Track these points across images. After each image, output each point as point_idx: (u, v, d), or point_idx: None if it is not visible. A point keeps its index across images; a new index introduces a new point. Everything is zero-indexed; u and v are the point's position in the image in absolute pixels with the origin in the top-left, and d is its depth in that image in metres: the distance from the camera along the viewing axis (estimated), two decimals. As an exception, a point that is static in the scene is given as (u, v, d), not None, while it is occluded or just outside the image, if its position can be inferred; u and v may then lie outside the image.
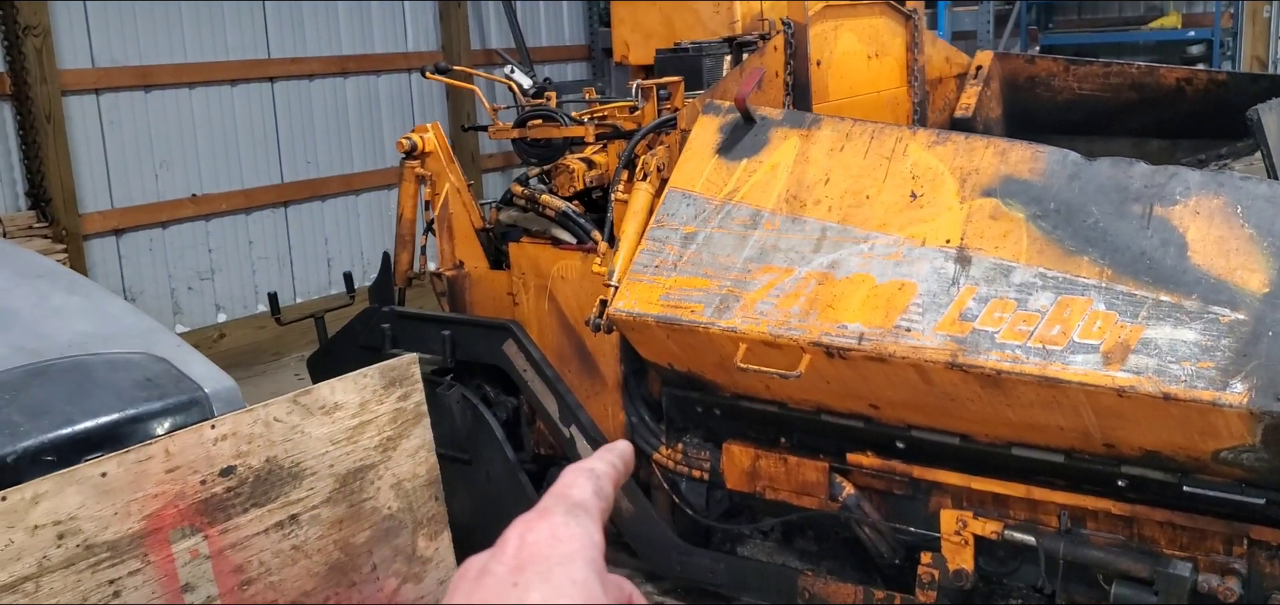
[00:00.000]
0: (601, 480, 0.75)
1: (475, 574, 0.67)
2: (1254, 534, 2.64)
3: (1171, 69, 4.84)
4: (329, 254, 8.43)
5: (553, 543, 0.67)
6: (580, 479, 0.74)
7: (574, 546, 0.67)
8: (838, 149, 3.19)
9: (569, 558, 0.66)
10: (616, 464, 0.78)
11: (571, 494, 0.72)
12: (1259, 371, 2.34)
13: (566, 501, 0.71)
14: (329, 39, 8.33)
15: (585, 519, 0.70)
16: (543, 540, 0.67)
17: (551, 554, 0.66)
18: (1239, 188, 2.58)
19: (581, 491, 0.73)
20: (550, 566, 0.65)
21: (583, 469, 0.75)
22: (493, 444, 3.98)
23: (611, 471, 0.77)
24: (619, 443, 0.80)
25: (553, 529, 0.68)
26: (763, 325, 2.99)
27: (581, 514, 0.70)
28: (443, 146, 4.28)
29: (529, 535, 0.67)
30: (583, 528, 0.69)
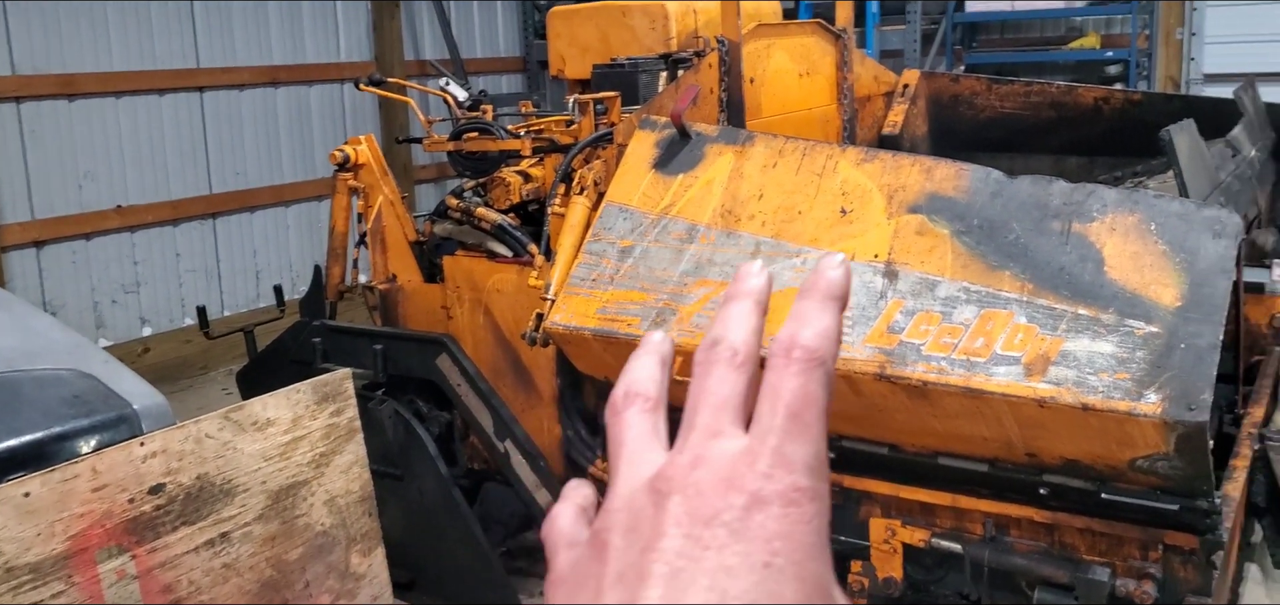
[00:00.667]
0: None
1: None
2: (1168, 539, 2.73)
3: (1090, 88, 4.99)
4: (259, 267, 8.33)
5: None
6: (784, 377, 0.52)
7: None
8: (771, 165, 3.24)
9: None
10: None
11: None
12: (1172, 383, 2.43)
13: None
14: (260, 48, 8.24)
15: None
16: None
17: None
18: (1152, 205, 2.67)
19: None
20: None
21: (784, 350, 0.53)
22: (426, 459, 3.97)
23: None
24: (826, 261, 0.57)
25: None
26: (698, 338, 3.02)
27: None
28: (376, 158, 4.27)
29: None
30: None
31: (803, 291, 0.55)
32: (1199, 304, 2.51)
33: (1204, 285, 2.53)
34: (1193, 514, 2.64)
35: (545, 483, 3.78)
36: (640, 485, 0.52)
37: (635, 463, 0.54)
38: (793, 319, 0.54)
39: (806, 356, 0.52)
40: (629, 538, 0.51)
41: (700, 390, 0.54)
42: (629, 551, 0.50)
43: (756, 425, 0.51)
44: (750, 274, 0.58)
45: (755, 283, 0.57)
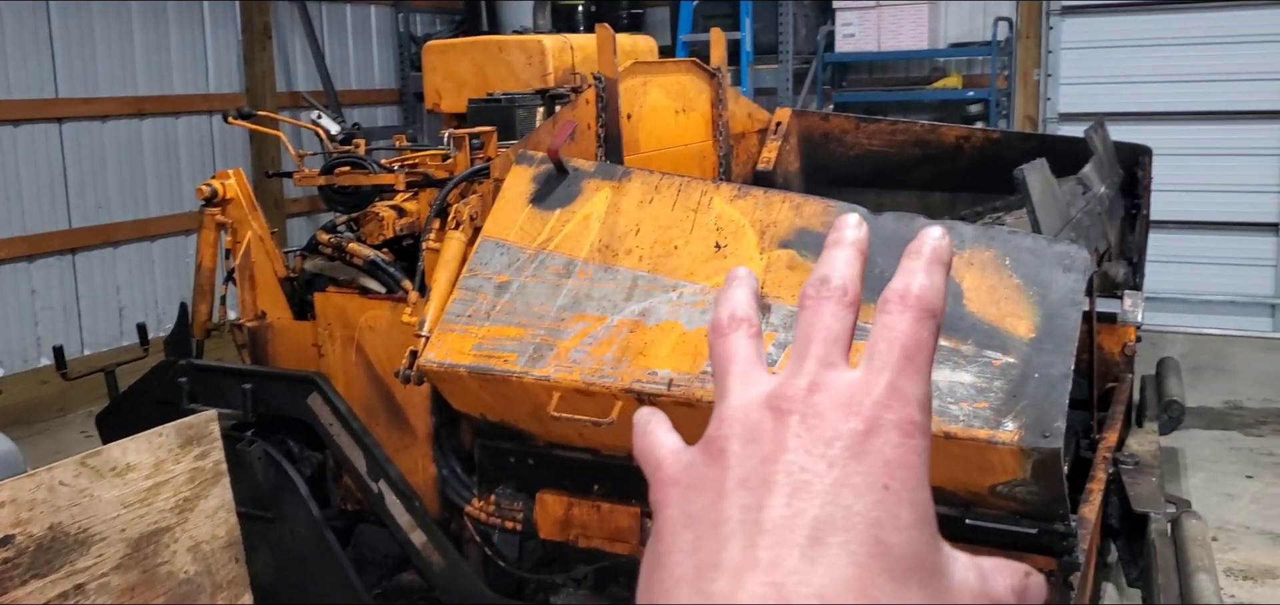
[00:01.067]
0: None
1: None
2: (1028, 562, 2.84)
3: (952, 127, 5.19)
4: (121, 304, 8.03)
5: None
6: (900, 321, 0.55)
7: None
8: (648, 201, 3.28)
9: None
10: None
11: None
12: (1027, 411, 2.53)
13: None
14: (123, 79, 7.98)
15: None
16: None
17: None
18: (1007, 241, 2.79)
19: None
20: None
21: (899, 296, 0.56)
22: (297, 501, 3.88)
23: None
24: (929, 232, 0.59)
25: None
26: (576, 373, 3.03)
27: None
28: (245, 193, 4.17)
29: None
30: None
31: (910, 253, 0.57)
32: (1051, 335, 2.62)
33: (1056, 317, 2.65)
34: (1051, 537, 2.75)
35: (420, 523, 3.73)
36: (755, 401, 0.55)
37: (747, 381, 0.56)
38: (903, 273, 0.56)
39: (921, 304, 0.55)
40: (749, 447, 0.53)
41: (812, 323, 0.57)
42: (749, 459, 0.52)
43: (871, 360, 0.54)
44: (850, 224, 0.60)
45: (858, 232, 0.60)
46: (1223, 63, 8.60)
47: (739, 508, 0.51)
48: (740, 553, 0.50)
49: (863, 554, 0.49)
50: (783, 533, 0.49)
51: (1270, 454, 6.16)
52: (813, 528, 0.49)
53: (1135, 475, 3.65)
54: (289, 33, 9.43)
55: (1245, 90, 8.56)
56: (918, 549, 0.51)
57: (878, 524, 0.50)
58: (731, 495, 0.52)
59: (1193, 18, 8.67)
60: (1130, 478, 3.64)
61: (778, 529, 0.50)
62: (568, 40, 4.46)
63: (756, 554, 0.49)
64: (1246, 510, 5.42)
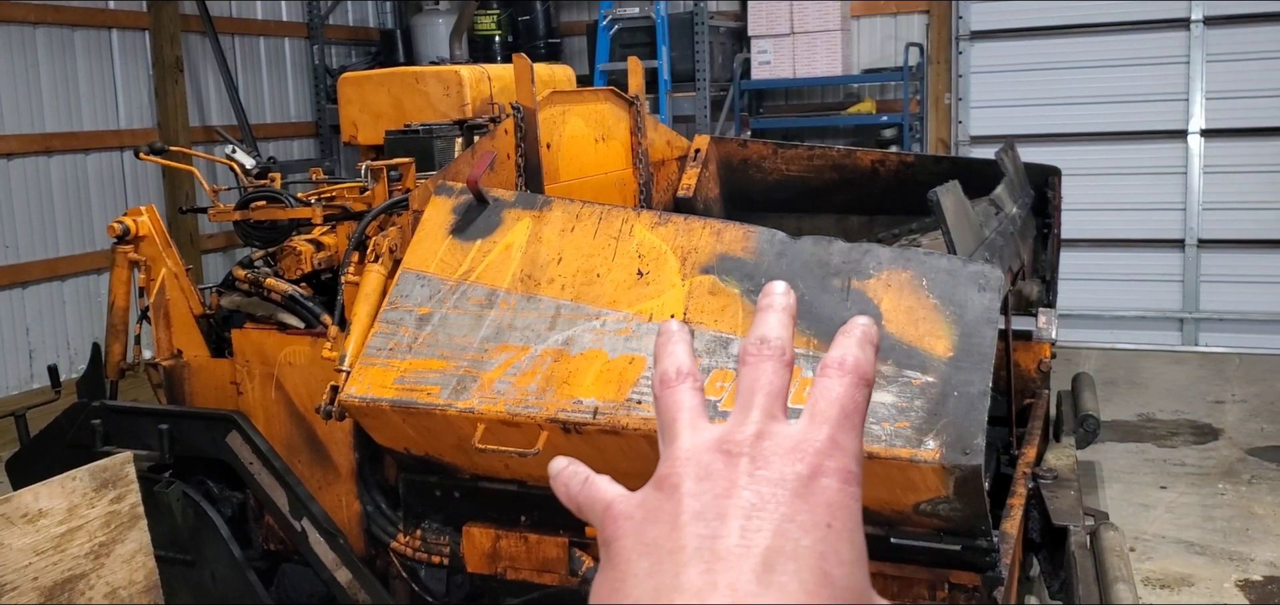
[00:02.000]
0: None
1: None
2: (953, 578, 2.88)
3: (867, 151, 5.28)
4: (31, 345, 7.80)
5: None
6: (837, 385, 0.62)
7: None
8: (569, 229, 3.28)
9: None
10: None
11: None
12: (948, 429, 2.58)
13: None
14: (30, 115, 7.78)
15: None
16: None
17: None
18: (923, 262, 2.85)
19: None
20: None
21: (836, 365, 0.63)
22: (217, 542, 3.79)
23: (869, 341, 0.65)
24: (856, 320, 0.66)
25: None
26: (500, 404, 3.02)
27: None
28: (158, 229, 4.09)
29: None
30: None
31: (844, 332, 0.65)
32: (969, 353, 2.68)
33: (973, 336, 2.70)
34: (974, 553, 2.80)
35: (345, 561, 3.67)
36: (706, 444, 0.61)
37: (696, 427, 0.63)
38: (839, 346, 0.64)
39: (857, 371, 0.62)
40: (702, 484, 0.59)
41: (755, 378, 0.63)
42: (703, 494, 0.58)
43: (814, 416, 0.60)
44: (779, 290, 0.68)
45: (788, 298, 0.67)
46: (1127, 85, 8.89)
47: (696, 537, 0.56)
48: (699, 576, 0.54)
49: (811, 583, 0.54)
50: (738, 560, 0.54)
51: (1183, 464, 6.34)
52: (765, 556, 0.54)
53: (1054, 489, 3.74)
54: (202, 66, 9.28)
55: (1150, 111, 8.86)
56: (857, 584, 0.56)
57: (823, 557, 0.55)
58: (688, 526, 0.57)
59: (1098, 41, 8.95)
60: (1049, 492, 3.72)
61: (733, 556, 0.54)
62: (485, 70, 4.46)
63: (715, 578, 0.54)
64: (1162, 520, 5.57)
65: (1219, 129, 8.71)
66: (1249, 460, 6.35)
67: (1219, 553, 5.16)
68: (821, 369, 0.62)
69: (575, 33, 10.97)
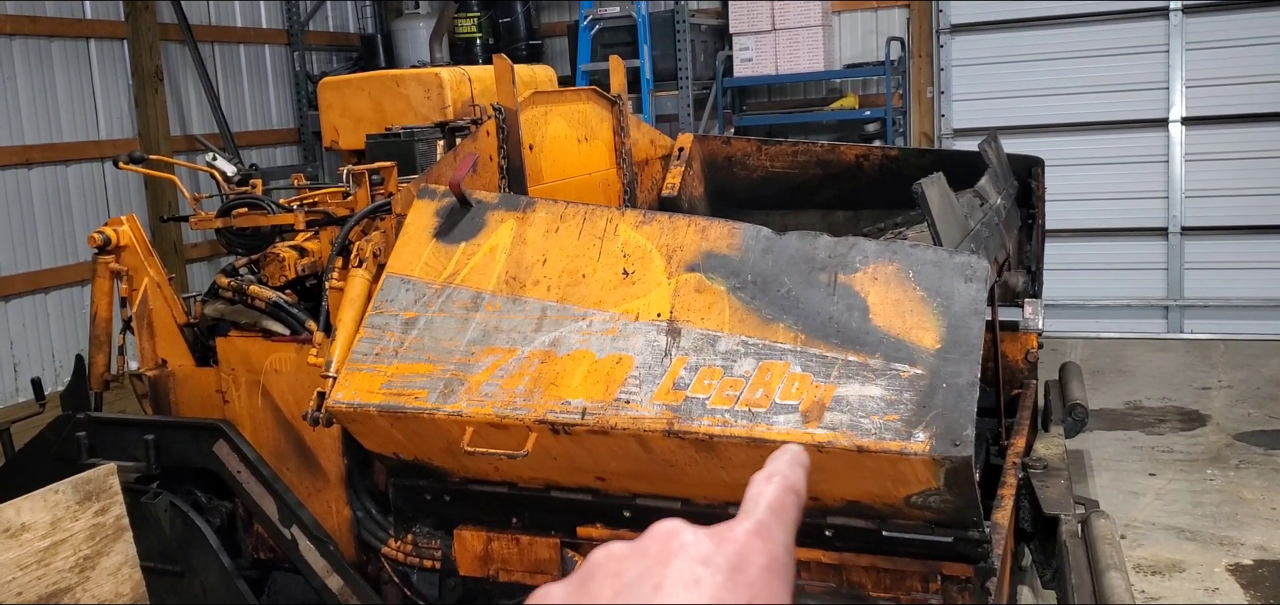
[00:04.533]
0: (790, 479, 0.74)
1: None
2: (946, 570, 2.88)
3: (851, 146, 5.28)
4: (15, 359, 7.74)
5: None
6: (768, 488, 0.73)
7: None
8: (553, 230, 3.27)
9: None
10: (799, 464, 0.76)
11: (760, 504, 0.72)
12: (937, 420, 2.58)
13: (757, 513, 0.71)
14: (9, 127, 7.72)
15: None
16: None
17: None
18: (909, 254, 2.84)
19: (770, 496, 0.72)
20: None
21: (765, 475, 0.74)
22: (207, 553, 3.77)
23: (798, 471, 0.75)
24: (787, 446, 0.78)
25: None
26: (488, 407, 3.00)
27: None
28: (139, 239, 4.06)
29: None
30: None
31: (777, 454, 0.76)
32: (957, 345, 2.68)
33: (960, 327, 2.70)
34: (966, 544, 2.79)
35: (336, 567, 3.65)
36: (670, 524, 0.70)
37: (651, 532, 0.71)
38: (772, 463, 0.75)
39: (785, 480, 0.73)
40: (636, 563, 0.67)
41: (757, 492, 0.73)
42: (648, 575, 0.66)
43: (745, 513, 0.70)
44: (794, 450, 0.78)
45: (804, 456, 0.77)
46: (1108, 74, 8.92)
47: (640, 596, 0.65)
48: None
49: None
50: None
51: (1171, 451, 6.37)
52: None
53: (1044, 479, 3.74)
54: (182, 74, 9.23)
55: (1131, 100, 8.89)
56: None
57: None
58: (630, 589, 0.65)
59: (1078, 32, 8.98)
60: (1039, 482, 3.73)
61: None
62: (466, 72, 4.44)
63: None
64: (1151, 507, 5.59)
65: (1200, 117, 8.75)
66: (1237, 445, 6.38)
67: (1209, 538, 5.18)
68: (753, 480, 0.73)
69: (556, 33, 10.95)
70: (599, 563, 0.68)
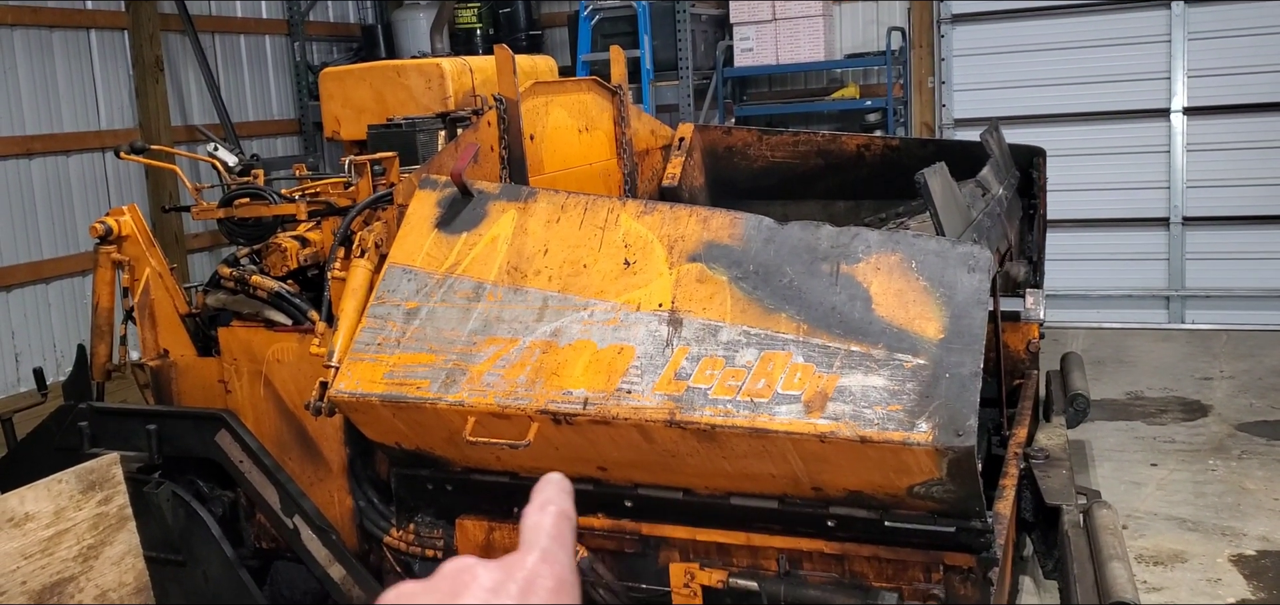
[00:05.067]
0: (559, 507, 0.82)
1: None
2: (948, 560, 2.88)
3: (852, 136, 5.27)
4: (17, 349, 7.75)
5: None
6: (544, 518, 0.80)
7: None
8: (554, 220, 3.26)
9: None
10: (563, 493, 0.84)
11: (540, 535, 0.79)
12: (940, 411, 2.57)
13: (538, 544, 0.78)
14: (10, 117, 7.72)
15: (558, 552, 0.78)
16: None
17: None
18: (912, 244, 2.84)
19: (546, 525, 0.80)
20: None
21: (538, 506, 0.82)
22: (209, 542, 3.77)
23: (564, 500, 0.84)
24: (549, 476, 0.86)
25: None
26: (490, 397, 3.00)
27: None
28: (141, 229, 4.06)
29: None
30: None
31: (544, 482, 0.85)
32: (960, 335, 2.67)
33: (963, 317, 2.70)
34: (968, 534, 2.79)
35: (338, 557, 3.65)
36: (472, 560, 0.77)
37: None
38: (542, 493, 0.83)
39: (556, 507, 0.81)
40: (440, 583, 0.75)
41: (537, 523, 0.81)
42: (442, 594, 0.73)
43: (527, 546, 0.77)
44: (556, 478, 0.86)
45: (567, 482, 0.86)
46: (1110, 64, 8.90)
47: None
48: None
49: None
50: None
51: (1172, 441, 6.37)
52: None
53: (1046, 469, 3.74)
54: (182, 65, 9.22)
55: (1132, 90, 8.88)
56: None
57: None
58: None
59: (1080, 22, 8.96)
60: (1041, 472, 3.72)
61: None
62: (466, 63, 4.43)
63: None
64: (1153, 497, 5.59)
65: (1201, 107, 8.73)
66: (1239, 436, 6.38)
67: (1211, 528, 5.18)
68: (528, 512, 0.81)
69: (556, 24, 10.93)
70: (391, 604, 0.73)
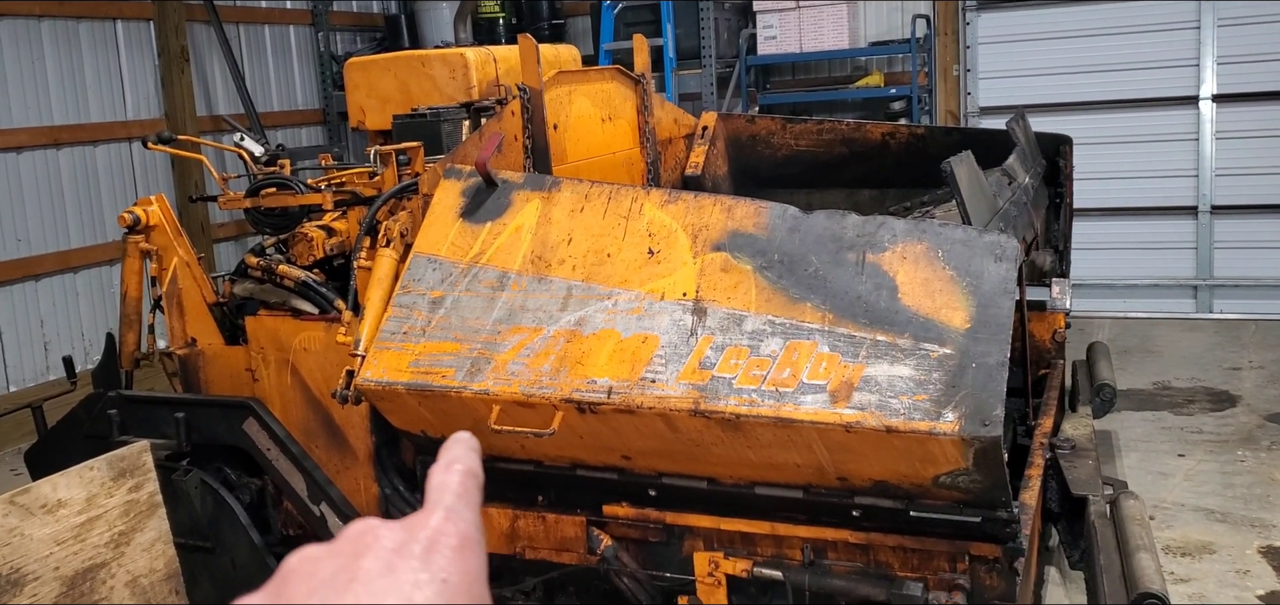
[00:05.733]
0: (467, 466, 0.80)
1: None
2: (974, 550, 2.88)
3: (877, 124, 5.25)
4: (47, 338, 7.83)
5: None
6: (450, 477, 0.78)
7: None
8: (578, 210, 3.27)
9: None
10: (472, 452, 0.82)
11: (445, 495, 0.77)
12: (967, 401, 2.57)
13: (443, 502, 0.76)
14: (38, 108, 7.79)
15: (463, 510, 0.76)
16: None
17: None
18: (938, 233, 2.83)
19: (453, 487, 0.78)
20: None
21: (444, 465, 0.80)
22: (237, 529, 3.81)
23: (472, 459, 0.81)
24: (458, 434, 0.83)
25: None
26: (515, 386, 3.01)
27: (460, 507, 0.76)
28: (168, 219, 4.09)
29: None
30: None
31: (452, 441, 0.81)
32: (986, 324, 2.66)
33: (990, 307, 2.69)
34: (994, 524, 2.79)
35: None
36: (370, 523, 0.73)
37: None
38: (449, 452, 0.80)
39: (464, 465, 0.78)
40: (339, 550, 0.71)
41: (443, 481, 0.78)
42: (334, 579, 0.69)
43: (432, 504, 0.74)
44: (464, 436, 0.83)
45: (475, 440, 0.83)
46: (1137, 51, 8.81)
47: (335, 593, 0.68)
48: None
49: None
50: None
51: (1200, 432, 6.32)
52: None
53: (1072, 459, 3.72)
54: (207, 55, 9.27)
55: (1160, 77, 8.79)
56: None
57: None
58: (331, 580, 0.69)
59: (1107, 8, 8.88)
60: (1067, 462, 3.71)
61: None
62: (490, 52, 4.44)
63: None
64: (1180, 488, 5.55)
65: (1231, 94, 8.64)
66: (1268, 426, 6.33)
67: (1240, 520, 5.14)
68: (434, 471, 0.78)
69: (579, 13, 10.93)
70: (293, 567, 0.70)
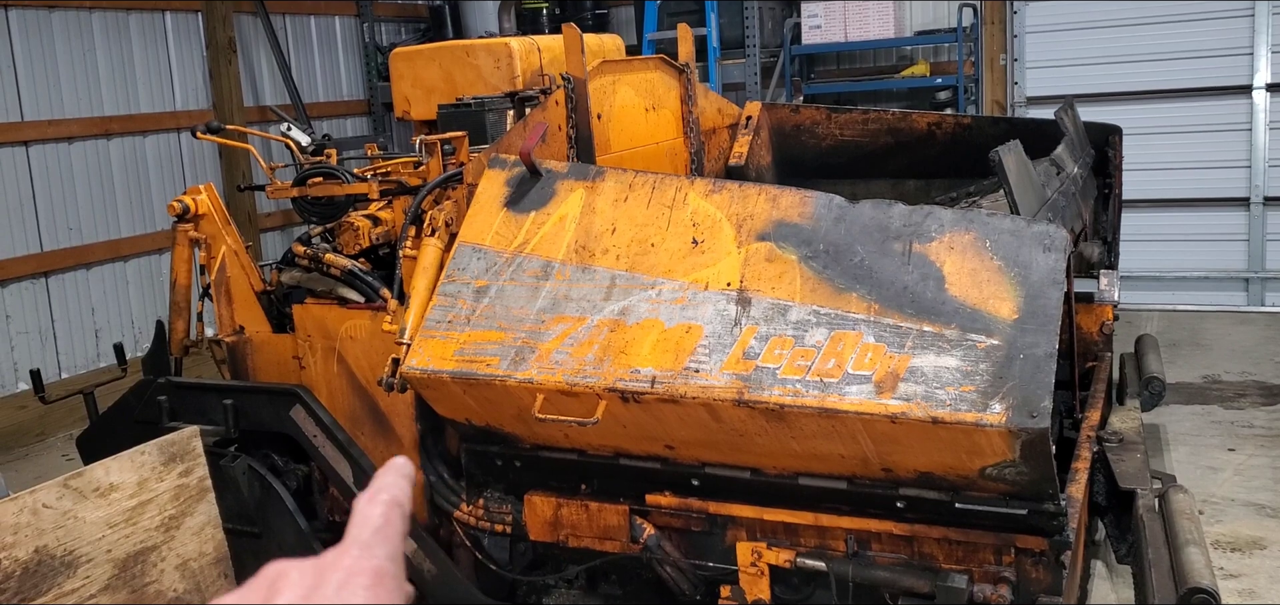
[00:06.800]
0: (394, 493, 0.81)
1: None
2: (1020, 543, 2.85)
3: (923, 114, 5.20)
4: (97, 325, 7.96)
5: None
6: (373, 510, 0.79)
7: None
8: (622, 199, 3.27)
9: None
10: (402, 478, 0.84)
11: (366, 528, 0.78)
12: (1014, 392, 2.54)
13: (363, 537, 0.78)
14: (89, 99, 7.91)
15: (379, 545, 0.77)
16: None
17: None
18: (986, 223, 2.80)
19: (375, 518, 0.79)
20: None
21: (370, 495, 0.81)
22: (284, 515, 3.85)
23: (401, 486, 0.83)
24: (392, 461, 0.86)
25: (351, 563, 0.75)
26: (559, 375, 3.02)
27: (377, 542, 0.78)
28: (217, 208, 4.14)
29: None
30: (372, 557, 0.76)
31: (385, 469, 0.84)
32: (1034, 315, 2.63)
33: (1038, 297, 2.66)
34: (1041, 517, 2.76)
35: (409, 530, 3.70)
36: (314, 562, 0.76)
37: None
38: (380, 478, 0.82)
39: (388, 495, 0.80)
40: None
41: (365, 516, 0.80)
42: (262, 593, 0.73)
43: (350, 540, 0.77)
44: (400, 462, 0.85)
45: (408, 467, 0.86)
46: (1189, 40, 8.67)
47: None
48: None
49: None
50: None
51: (1250, 426, 6.22)
52: None
53: (1120, 452, 3.67)
54: (254, 46, 9.37)
55: (1211, 67, 8.64)
56: None
57: None
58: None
59: (1156, -3, 8.74)
60: (1115, 455, 3.66)
61: None
62: (534, 42, 4.45)
63: None
64: (1230, 483, 5.47)
65: (1286, 83, 8.48)
66: (1319, 421, 6.21)
67: (1290, 515, 5.05)
68: (359, 502, 0.80)
69: (622, 3, 10.92)
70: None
